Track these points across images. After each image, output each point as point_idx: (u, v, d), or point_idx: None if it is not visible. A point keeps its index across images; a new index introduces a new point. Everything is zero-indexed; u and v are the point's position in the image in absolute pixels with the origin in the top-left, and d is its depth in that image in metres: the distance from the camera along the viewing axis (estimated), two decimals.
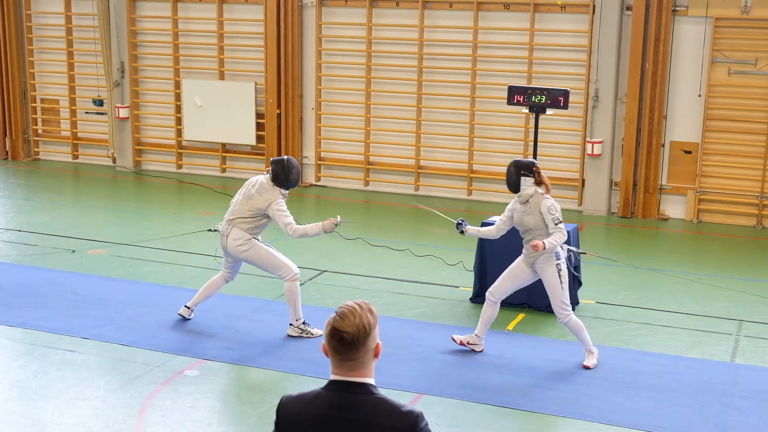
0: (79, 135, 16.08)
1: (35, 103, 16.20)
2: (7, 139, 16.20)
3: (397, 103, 13.96)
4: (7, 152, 16.23)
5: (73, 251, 10.43)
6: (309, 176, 14.63)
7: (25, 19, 15.86)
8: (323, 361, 3.11)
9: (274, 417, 3.14)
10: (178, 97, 15.08)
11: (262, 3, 14.25)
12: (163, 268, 10.01)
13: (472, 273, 9.20)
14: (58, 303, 8.71)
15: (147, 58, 15.42)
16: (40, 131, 16.34)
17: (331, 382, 3.07)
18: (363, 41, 13.93)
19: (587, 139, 12.87)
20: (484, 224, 8.73)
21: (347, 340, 2.98)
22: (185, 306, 8.40)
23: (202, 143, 15.19)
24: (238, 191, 8.28)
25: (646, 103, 12.57)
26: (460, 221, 7.91)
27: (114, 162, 15.59)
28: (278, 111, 14.39)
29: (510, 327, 8.46)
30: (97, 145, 15.91)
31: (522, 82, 12.61)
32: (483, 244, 9.00)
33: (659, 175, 12.80)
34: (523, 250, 7.58)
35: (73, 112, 15.97)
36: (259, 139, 14.64)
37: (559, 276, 7.37)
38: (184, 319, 8.36)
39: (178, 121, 15.18)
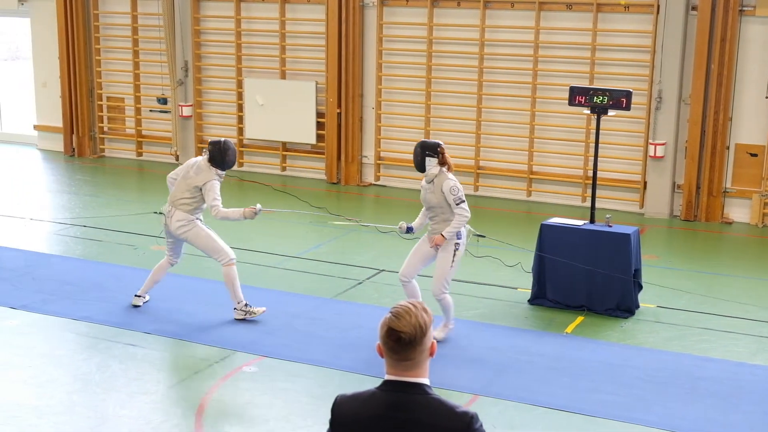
0: (143, 133, 16.34)
1: (101, 101, 16.50)
2: (74, 137, 16.53)
3: (456, 104, 13.93)
4: (73, 149, 16.57)
5: (136, 248, 10.60)
6: (368, 175, 14.67)
7: (92, 19, 16.17)
8: (379, 360, 3.12)
9: (329, 416, 3.16)
10: (240, 95, 15.25)
11: (324, 3, 14.33)
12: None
13: (531, 275, 9.14)
14: (121, 298, 8.86)
15: (210, 57, 15.61)
16: (105, 129, 16.64)
17: (386, 382, 3.08)
18: (423, 41, 13.93)
19: (650, 140, 12.70)
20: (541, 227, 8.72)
21: (404, 339, 2.99)
22: (135, 295, 8.71)
23: (263, 142, 15.33)
24: (175, 173, 8.62)
25: (711, 105, 12.35)
26: (406, 227, 8.13)
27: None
28: (338, 110, 14.46)
29: (569, 330, 8.39)
30: (160, 143, 16.15)
31: (584, 83, 12.49)
32: (542, 245, 8.95)
33: (723, 178, 12.57)
34: (429, 228, 7.88)
35: (138, 110, 16.24)
36: (319, 138, 14.72)
37: (454, 255, 7.72)
38: (137, 306, 8.66)
39: (240, 119, 15.34)
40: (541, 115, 13.47)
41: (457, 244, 7.75)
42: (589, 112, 9.42)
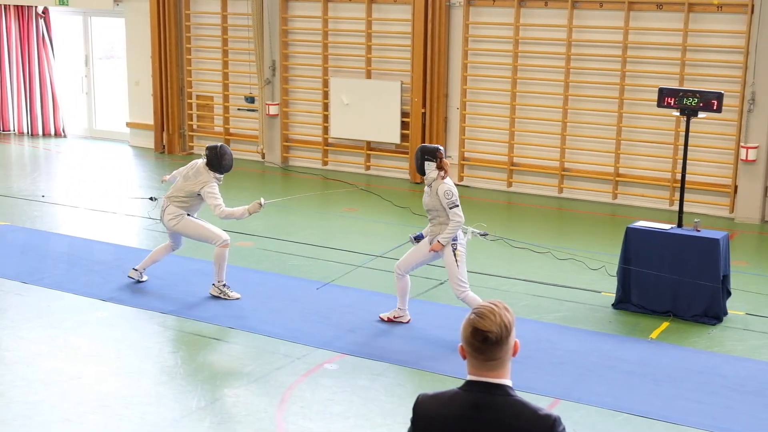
0: (231, 131, 16.62)
1: (191, 99, 16.84)
2: (164, 134, 16.91)
3: (542, 104, 13.80)
4: (164, 146, 16.95)
5: None
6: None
7: (183, 19, 16.51)
8: (460, 360, 3.12)
9: (410, 414, 3.17)
10: (325, 95, 15.38)
11: (410, 2, 14.36)
12: (307, 262, 10.23)
13: (615, 278, 9.01)
14: (205, 293, 9.03)
15: (297, 57, 15.79)
16: (194, 127, 16.98)
17: (469, 383, 3.08)
18: (510, 41, 13.84)
19: (741, 144, 12.38)
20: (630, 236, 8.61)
21: (491, 339, 3.00)
22: (133, 269, 9.25)
23: (348, 141, 15.43)
24: (179, 170, 9.30)
25: None
26: (414, 237, 8.32)
27: (263, 158, 16.05)
28: (423, 110, 14.47)
29: (653, 335, 8.24)
30: (247, 141, 16.40)
31: (673, 84, 12.25)
32: (628, 249, 8.81)
33: None
34: (429, 230, 8.09)
35: (226, 109, 16.52)
36: (404, 137, 14.76)
37: (455, 256, 7.91)
38: (137, 281, 9.22)
39: (325, 118, 15.47)
40: (629, 116, 13.25)
41: (454, 244, 7.93)
42: (678, 114, 9.24)
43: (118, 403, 6.69)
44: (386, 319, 8.38)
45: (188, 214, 9.02)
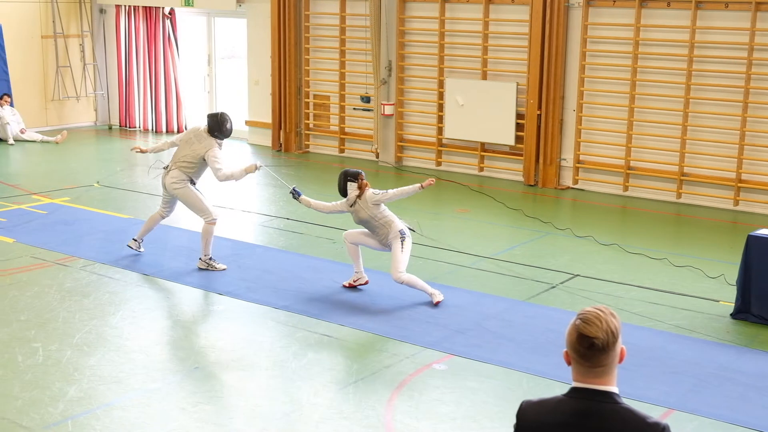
0: (346, 130, 16.82)
1: (308, 99, 17.12)
2: (282, 132, 17.24)
3: (662, 107, 13.48)
4: (280, 144, 17.28)
5: (335, 241, 10.94)
6: (566, 179, 14.47)
7: (303, 20, 16.79)
8: (567, 366, 3.09)
9: (515, 420, 3.16)
10: (440, 95, 15.40)
11: (528, 3, 14.24)
12: (418, 261, 10.25)
13: (735, 287, 8.73)
14: (318, 289, 9.18)
15: (413, 57, 15.86)
16: (311, 125, 17.25)
17: (574, 389, 3.04)
18: (630, 42, 13.57)
19: None
20: (754, 237, 8.33)
21: (598, 345, 2.94)
22: (133, 239, 10.04)
23: (462, 141, 15.42)
24: (177, 137, 9.86)
25: None
26: (293, 189, 9.26)
27: (377, 157, 16.18)
28: (539, 112, 14.33)
29: None
30: (362, 140, 16.57)
31: None
32: (749, 257, 8.52)
33: None
34: (376, 242, 8.96)
35: (342, 108, 16.72)
36: (518, 139, 14.65)
37: (402, 247, 8.70)
38: (136, 250, 10.03)
39: (440, 119, 15.49)
40: (753, 120, 12.81)
41: (403, 239, 8.74)
42: None
43: (231, 395, 6.87)
44: (349, 285, 9.21)
45: (192, 181, 9.64)
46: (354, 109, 16.59)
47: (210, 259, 9.72)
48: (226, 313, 8.62)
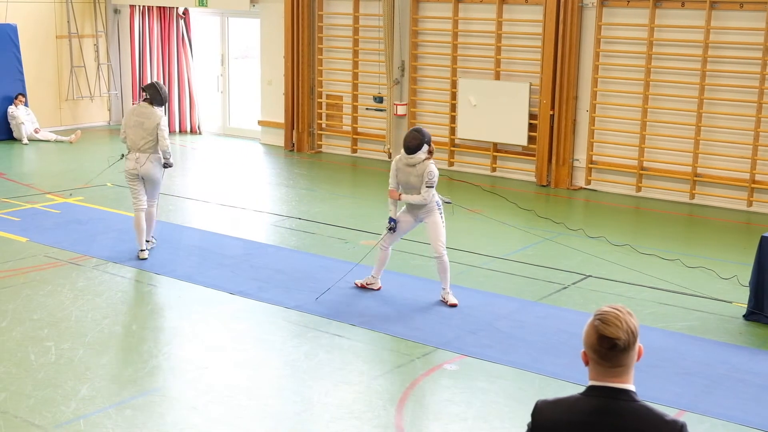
0: (359, 130, 16.82)
1: (321, 99, 17.13)
2: (294, 132, 17.26)
3: (676, 108, 13.43)
4: (293, 144, 17.30)
5: (347, 242, 10.94)
6: (579, 179, 14.43)
7: (316, 20, 16.81)
8: (581, 365, 3.08)
9: (528, 419, 3.15)
10: (453, 95, 15.39)
11: (542, 4, 14.21)
12: (430, 262, 10.23)
13: (748, 288, 8.69)
14: (330, 289, 9.18)
15: (426, 58, 15.85)
16: (323, 125, 17.26)
17: (591, 388, 3.03)
18: (643, 43, 13.53)
19: None
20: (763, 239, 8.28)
21: (619, 346, 2.94)
22: (140, 250, 10.03)
23: (474, 142, 15.40)
24: (125, 127, 9.94)
25: None
26: (390, 224, 8.91)
27: (389, 157, 16.17)
28: (552, 112, 14.30)
29: None
30: (374, 140, 16.57)
31: None
32: (762, 258, 8.48)
33: None
34: (404, 206, 8.92)
35: (355, 108, 16.73)
36: (531, 140, 14.62)
37: (442, 218, 8.70)
38: (148, 249, 10.13)
39: (452, 119, 15.48)
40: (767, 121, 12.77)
41: (440, 211, 8.73)
42: None
43: (242, 394, 6.88)
44: (360, 285, 9.16)
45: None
46: (367, 109, 16.59)
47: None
48: (238, 313, 8.64)
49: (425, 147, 8.68)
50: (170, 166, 10.10)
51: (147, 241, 10.17)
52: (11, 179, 14.10)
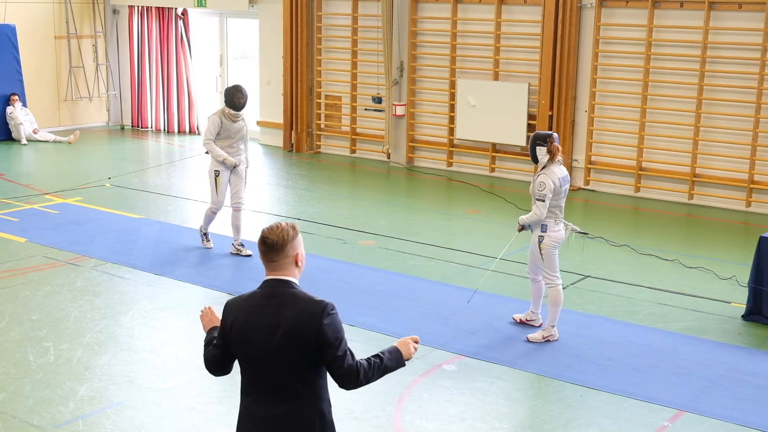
0: (358, 131, 16.82)
1: (320, 99, 17.13)
2: (293, 133, 17.26)
3: (674, 108, 13.44)
4: (292, 145, 17.30)
5: (345, 242, 10.94)
6: (578, 180, 14.44)
7: (315, 20, 16.81)
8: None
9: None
10: (452, 96, 15.39)
11: (541, 4, 14.21)
12: (428, 262, 10.26)
13: (746, 289, 8.70)
14: (329, 289, 9.17)
15: (425, 58, 15.85)
16: (322, 126, 17.26)
17: (264, 281, 3.91)
18: (642, 43, 13.53)
19: None
20: None
21: (268, 243, 3.85)
22: (232, 244, 10.40)
23: (473, 142, 15.40)
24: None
25: None
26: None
27: (388, 157, 16.18)
28: (550, 113, 14.31)
29: None
30: (373, 141, 16.57)
31: None
32: (761, 258, 8.49)
33: None
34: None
35: (354, 109, 16.73)
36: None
37: (539, 245, 7.77)
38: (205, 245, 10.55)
39: (451, 119, 15.48)
40: (766, 121, 12.76)
41: (541, 236, 7.81)
42: None
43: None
44: (519, 320, 8.35)
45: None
46: (365, 109, 16.59)
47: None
48: None
49: (540, 149, 7.83)
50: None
51: (234, 244, 10.50)
52: (10, 180, 14.10)
